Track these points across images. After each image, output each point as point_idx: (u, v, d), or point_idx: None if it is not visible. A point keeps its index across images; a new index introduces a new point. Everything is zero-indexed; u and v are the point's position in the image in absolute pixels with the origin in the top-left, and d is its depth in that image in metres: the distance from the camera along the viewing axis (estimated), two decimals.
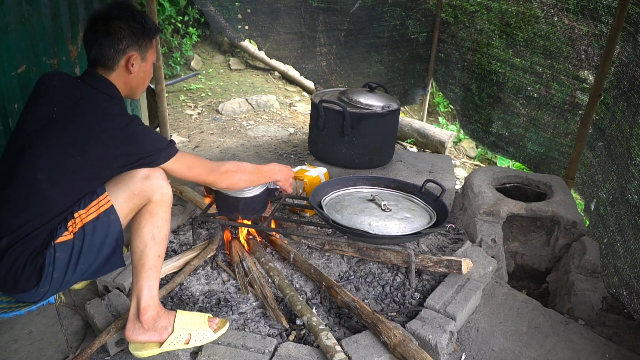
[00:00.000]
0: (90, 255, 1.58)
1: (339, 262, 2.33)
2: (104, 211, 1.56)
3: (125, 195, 1.59)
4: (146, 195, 1.61)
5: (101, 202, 1.57)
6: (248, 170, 1.93)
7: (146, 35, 1.66)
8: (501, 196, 2.74)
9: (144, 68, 1.70)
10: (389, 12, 4.50)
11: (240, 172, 1.89)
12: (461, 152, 5.51)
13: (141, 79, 1.71)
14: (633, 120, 2.73)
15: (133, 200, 1.61)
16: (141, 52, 1.66)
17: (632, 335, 2.17)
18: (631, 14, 2.93)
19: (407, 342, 1.71)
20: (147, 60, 1.70)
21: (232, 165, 1.86)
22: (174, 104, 5.21)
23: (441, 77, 4.83)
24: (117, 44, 1.60)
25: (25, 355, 1.84)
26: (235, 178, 1.87)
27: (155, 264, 1.67)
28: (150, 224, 1.64)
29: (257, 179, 2.01)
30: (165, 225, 1.68)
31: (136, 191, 1.60)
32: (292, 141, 4.48)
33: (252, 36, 3.99)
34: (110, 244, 1.61)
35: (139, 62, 1.67)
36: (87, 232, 1.55)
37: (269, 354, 1.73)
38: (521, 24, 3.85)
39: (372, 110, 2.92)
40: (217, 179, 1.81)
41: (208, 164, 1.78)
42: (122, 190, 1.59)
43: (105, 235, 1.58)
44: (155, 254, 1.66)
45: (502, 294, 2.28)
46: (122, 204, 1.59)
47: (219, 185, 1.86)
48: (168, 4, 5.72)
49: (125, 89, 1.69)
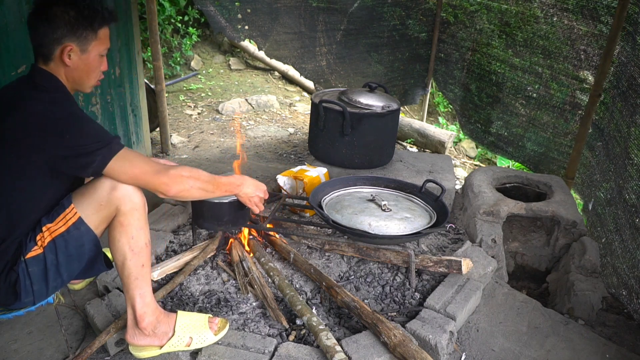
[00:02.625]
0: (71, 264, 1.56)
1: (339, 262, 2.33)
2: (73, 224, 1.52)
3: (92, 207, 1.53)
4: (114, 206, 1.54)
5: (68, 215, 1.52)
6: (202, 179, 1.67)
7: (86, 25, 1.50)
8: (501, 196, 2.74)
9: (84, 60, 1.55)
10: (389, 12, 4.50)
11: (194, 179, 1.63)
12: (461, 152, 5.51)
13: (83, 71, 1.57)
14: (631, 120, 2.73)
15: (101, 212, 1.54)
16: (80, 44, 1.51)
17: (632, 335, 2.17)
18: (631, 14, 2.93)
19: (407, 342, 1.71)
20: (89, 52, 1.54)
21: (184, 170, 1.61)
22: (174, 104, 5.21)
23: (441, 77, 4.83)
24: (51, 33, 1.47)
25: (25, 355, 1.84)
26: (186, 184, 1.61)
27: (141, 272, 1.62)
28: (124, 236, 1.57)
29: (213, 190, 1.73)
30: (142, 234, 1.59)
31: (103, 202, 1.53)
32: (292, 141, 4.48)
33: (252, 36, 3.99)
34: (89, 251, 1.58)
35: (78, 54, 1.53)
36: (58, 245, 1.51)
37: (269, 354, 1.73)
38: (521, 24, 3.85)
39: (372, 110, 2.92)
40: (164, 183, 1.55)
41: (155, 165, 1.57)
42: (88, 202, 1.53)
43: (80, 245, 1.55)
44: (137, 264, 1.60)
45: (502, 294, 2.28)
46: (91, 216, 1.54)
47: (167, 191, 1.57)
48: (168, 4, 5.72)
49: (68, 82, 1.57)
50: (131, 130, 3.29)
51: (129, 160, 1.51)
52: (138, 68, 3.27)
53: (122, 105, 3.16)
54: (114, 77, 3.03)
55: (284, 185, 2.78)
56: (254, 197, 1.94)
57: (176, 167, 1.61)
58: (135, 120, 3.35)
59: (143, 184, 1.56)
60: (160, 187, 1.56)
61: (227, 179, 1.82)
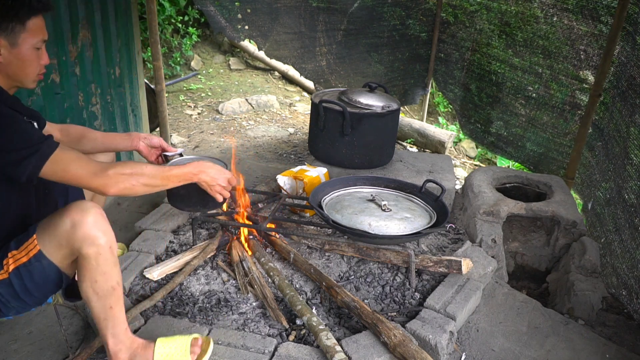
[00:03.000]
0: (42, 289, 1.51)
1: (339, 262, 2.33)
2: (33, 256, 1.45)
3: (53, 243, 1.44)
4: (74, 248, 1.43)
5: (30, 246, 1.45)
6: (147, 174, 1.55)
7: (11, 16, 1.40)
8: (501, 196, 2.74)
9: (16, 54, 1.45)
10: (389, 12, 4.50)
11: (137, 176, 1.51)
12: (461, 152, 5.51)
13: (17, 67, 1.47)
14: (630, 120, 2.73)
15: (62, 250, 1.45)
16: (8, 37, 1.42)
17: (632, 335, 2.17)
18: (631, 14, 2.93)
19: (407, 342, 1.71)
20: (19, 45, 1.45)
21: (125, 168, 1.50)
22: (174, 104, 5.21)
23: (441, 77, 4.83)
24: None
25: (25, 355, 1.84)
26: (127, 182, 1.49)
27: (110, 314, 1.52)
28: (87, 279, 1.46)
29: (162, 183, 1.62)
30: (108, 277, 1.47)
31: (63, 241, 1.43)
32: (292, 141, 4.48)
33: (252, 36, 3.99)
34: (54, 282, 1.51)
35: (8, 49, 1.43)
36: (23, 274, 1.46)
37: (269, 354, 1.73)
38: (521, 24, 3.85)
39: (372, 110, 2.92)
40: (102, 185, 1.45)
41: (92, 164, 1.46)
42: (49, 237, 1.45)
43: (45, 276, 1.48)
44: (103, 306, 1.50)
45: (502, 294, 2.28)
46: (53, 252, 1.45)
47: (106, 192, 1.47)
48: (168, 4, 5.72)
49: (5, 79, 1.49)
50: (131, 130, 3.29)
51: (63, 164, 1.41)
52: (138, 68, 3.27)
53: (122, 105, 3.16)
54: (114, 77, 3.03)
55: (284, 185, 2.78)
56: (215, 186, 1.79)
57: (117, 165, 1.50)
58: (135, 120, 3.35)
59: (80, 186, 1.48)
60: (99, 189, 1.47)
61: (179, 170, 1.67)
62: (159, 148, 2.04)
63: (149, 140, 2.01)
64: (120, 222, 2.74)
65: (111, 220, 1.53)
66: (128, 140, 1.97)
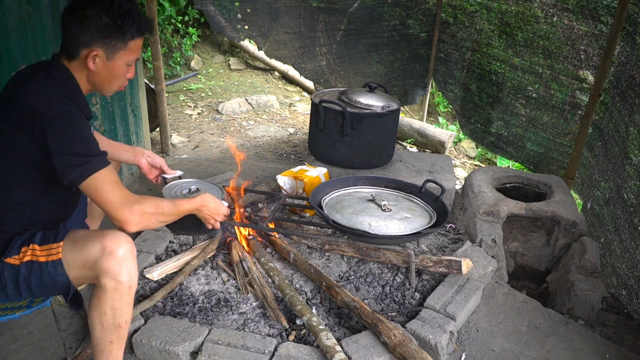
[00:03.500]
0: (43, 289, 1.50)
1: (339, 262, 2.33)
2: (52, 261, 1.45)
3: (77, 261, 1.44)
4: (96, 274, 1.43)
5: (53, 250, 1.45)
6: (166, 213, 1.58)
7: (118, 35, 1.46)
8: (501, 196, 2.74)
9: (109, 67, 1.50)
10: (389, 12, 4.50)
11: (157, 215, 1.54)
12: (461, 152, 5.51)
13: (105, 77, 1.52)
14: (629, 120, 2.73)
15: (84, 271, 1.45)
16: (107, 51, 1.47)
17: (632, 335, 2.17)
18: (631, 14, 2.93)
19: (407, 342, 1.71)
20: (114, 60, 1.50)
21: (149, 206, 1.50)
22: (174, 104, 5.20)
23: (441, 77, 4.83)
24: (80, 34, 1.43)
25: (25, 355, 1.84)
26: (148, 222, 1.51)
27: (108, 348, 1.51)
28: (98, 308, 1.46)
29: (174, 219, 1.66)
30: (117, 314, 1.47)
31: (87, 264, 1.43)
32: (292, 141, 4.48)
33: (252, 36, 3.99)
34: (59, 289, 1.51)
35: (103, 60, 1.48)
36: (34, 269, 1.46)
37: (269, 354, 1.73)
38: (521, 24, 3.85)
39: (372, 110, 2.92)
40: (125, 220, 1.45)
41: (125, 195, 1.46)
42: (75, 253, 1.45)
43: (53, 282, 1.48)
44: (104, 338, 1.50)
45: (502, 294, 2.28)
46: (72, 266, 1.46)
47: (126, 228, 1.47)
48: (168, 4, 5.71)
49: (88, 83, 1.54)
50: (131, 130, 3.29)
51: (100, 184, 1.41)
52: (138, 68, 3.27)
53: (122, 105, 3.16)
54: None
55: (284, 185, 2.78)
56: (210, 219, 1.83)
57: (142, 202, 1.49)
58: (135, 120, 3.35)
59: (103, 209, 1.47)
60: (120, 223, 1.46)
61: (189, 206, 1.70)
62: (159, 168, 2.06)
63: (152, 159, 2.02)
64: None
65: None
66: (131, 154, 1.98)
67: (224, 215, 1.86)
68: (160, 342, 1.78)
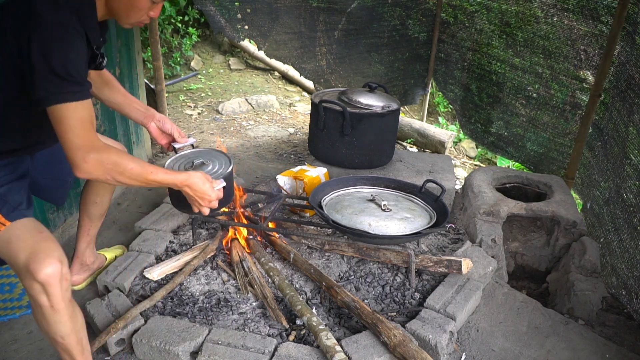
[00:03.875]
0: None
1: (339, 262, 2.33)
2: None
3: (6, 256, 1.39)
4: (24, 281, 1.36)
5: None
6: (129, 174, 1.44)
7: None
8: (501, 196, 2.74)
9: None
10: (389, 12, 4.50)
11: (115, 173, 1.40)
12: (461, 152, 5.51)
13: (123, 5, 1.45)
14: (629, 119, 2.73)
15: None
16: None
17: (632, 335, 2.17)
18: (631, 14, 2.93)
19: (407, 342, 1.71)
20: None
21: (109, 158, 1.38)
22: (174, 104, 5.20)
23: (441, 77, 4.83)
24: None
25: (25, 355, 1.84)
26: (102, 174, 1.39)
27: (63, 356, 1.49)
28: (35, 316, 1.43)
29: (142, 184, 1.51)
30: (50, 329, 1.41)
31: (14, 268, 1.37)
32: (292, 141, 4.48)
33: (252, 36, 3.99)
34: None
35: None
36: None
37: (269, 354, 1.73)
38: (521, 24, 3.85)
39: (372, 110, 2.92)
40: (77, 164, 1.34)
41: (89, 138, 1.35)
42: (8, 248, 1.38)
43: None
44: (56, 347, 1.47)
45: (502, 294, 2.28)
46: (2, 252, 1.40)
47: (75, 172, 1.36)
48: (168, 4, 5.71)
49: (105, 7, 1.46)
50: (131, 130, 3.29)
51: (64, 118, 1.30)
52: (138, 68, 3.27)
53: None
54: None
55: (284, 185, 2.78)
56: (194, 202, 1.69)
57: (103, 152, 1.37)
58: None
59: (61, 145, 1.34)
60: (71, 163, 1.35)
61: (166, 177, 1.55)
62: (170, 135, 1.95)
63: (162, 123, 1.92)
64: (120, 222, 2.74)
65: (111, 220, 1.50)
66: (141, 114, 1.89)
67: (209, 202, 1.69)
68: (160, 342, 1.78)
